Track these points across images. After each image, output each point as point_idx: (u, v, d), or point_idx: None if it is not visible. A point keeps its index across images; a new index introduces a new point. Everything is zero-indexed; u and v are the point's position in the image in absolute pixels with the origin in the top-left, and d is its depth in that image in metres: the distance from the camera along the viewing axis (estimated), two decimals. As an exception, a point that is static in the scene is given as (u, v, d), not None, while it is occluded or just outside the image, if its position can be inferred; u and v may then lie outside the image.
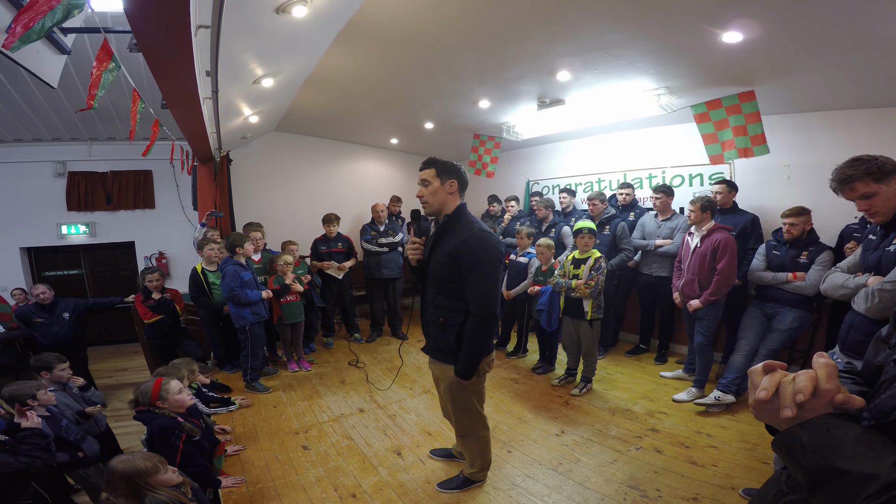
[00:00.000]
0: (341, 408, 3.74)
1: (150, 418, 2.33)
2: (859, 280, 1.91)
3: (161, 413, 2.36)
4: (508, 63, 3.78)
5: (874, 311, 1.77)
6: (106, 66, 1.96)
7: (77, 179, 6.24)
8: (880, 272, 1.84)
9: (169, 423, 2.33)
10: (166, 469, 1.88)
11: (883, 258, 1.85)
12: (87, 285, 6.69)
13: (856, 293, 1.89)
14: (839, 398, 0.66)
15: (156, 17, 1.81)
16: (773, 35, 2.87)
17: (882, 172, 1.75)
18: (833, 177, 1.85)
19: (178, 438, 2.29)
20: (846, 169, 1.80)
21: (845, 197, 1.87)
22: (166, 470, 1.87)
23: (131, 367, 5.79)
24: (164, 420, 2.33)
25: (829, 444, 0.62)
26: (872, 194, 1.75)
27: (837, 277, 2.07)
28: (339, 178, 7.06)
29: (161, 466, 1.85)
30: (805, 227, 3.22)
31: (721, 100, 3.78)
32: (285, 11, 2.45)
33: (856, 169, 1.77)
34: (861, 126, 3.63)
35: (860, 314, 1.88)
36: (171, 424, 2.33)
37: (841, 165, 1.83)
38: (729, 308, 3.54)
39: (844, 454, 0.60)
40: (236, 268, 3.98)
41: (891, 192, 1.75)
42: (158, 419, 2.33)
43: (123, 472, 1.75)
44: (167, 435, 2.27)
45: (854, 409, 0.67)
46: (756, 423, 2.98)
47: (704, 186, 4.55)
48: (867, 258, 1.97)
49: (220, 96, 3.13)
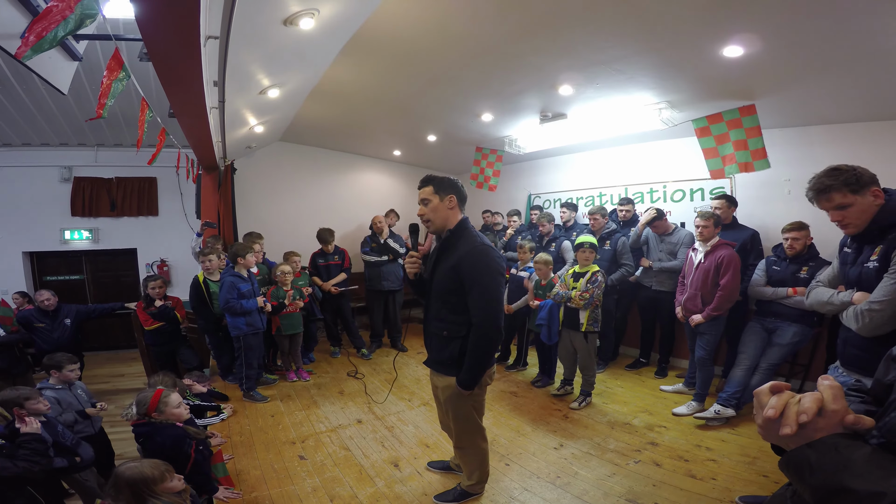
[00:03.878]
0: (339, 418, 3.72)
1: (153, 431, 2.31)
2: (844, 297, 1.89)
3: (166, 423, 2.35)
4: (511, 77, 3.83)
5: (866, 330, 1.75)
6: (116, 75, 2.00)
7: (82, 185, 6.31)
8: (862, 288, 1.83)
9: (177, 432, 2.34)
10: (173, 477, 1.89)
11: (863, 274, 1.84)
12: (89, 291, 6.71)
13: (842, 309, 1.88)
14: (849, 419, 0.66)
15: (166, 27, 1.86)
16: (773, 49, 2.90)
17: (859, 184, 1.73)
18: (810, 186, 1.83)
19: (190, 447, 2.30)
20: (824, 178, 1.77)
21: (820, 207, 1.85)
22: (172, 478, 1.89)
23: (129, 374, 5.79)
24: (172, 430, 2.33)
25: (838, 463, 0.62)
26: (848, 205, 1.74)
27: (822, 293, 2.05)
28: (342, 189, 7.09)
29: (168, 475, 1.87)
30: (806, 241, 3.23)
31: (722, 114, 3.80)
32: (293, 24, 2.50)
33: (834, 179, 1.75)
34: (862, 139, 3.63)
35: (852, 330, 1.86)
36: (180, 434, 2.33)
37: (819, 174, 1.80)
38: (730, 323, 3.53)
39: (853, 473, 0.60)
40: (234, 279, 4.01)
41: (865, 204, 1.73)
42: (165, 430, 2.31)
43: (130, 479, 1.76)
44: (180, 444, 2.28)
45: (864, 428, 0.67)
46: (756, 437, 2.97)
47: (705, 201, 4.55)
48: (847, 273, 1.95)
49: (227, 106, 3.18)
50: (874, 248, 1.81)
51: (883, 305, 1.69)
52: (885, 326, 1.70)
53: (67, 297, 5.18)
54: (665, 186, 4.92)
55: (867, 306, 1.74)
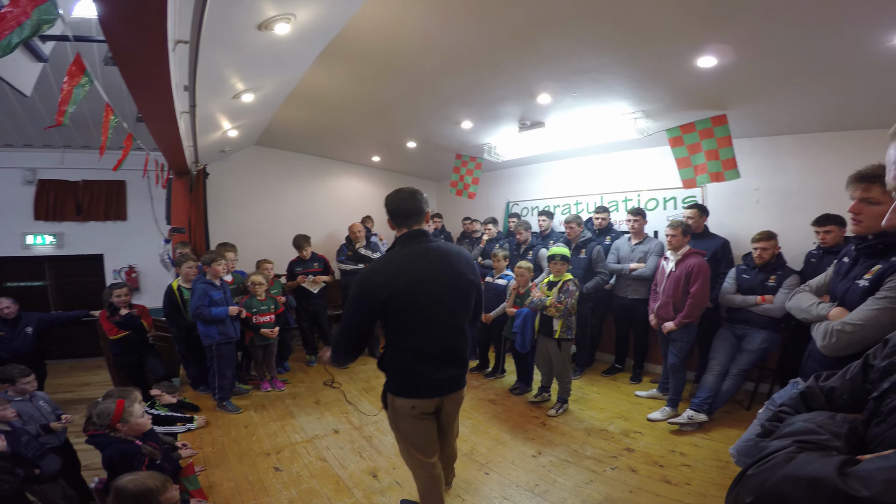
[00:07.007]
0: (315, 428, 3.65)
1: (106, 443, 2.26)
2: (822, 310, 1.83)
3: (118, 437, 2.29)
4: (491, 85, 3.84)
5: (829, 349, 1.70)
6: (78, 80, 1.91)
7: (47, 188, 6.06)
8: (844, 304, 1.77)
9: (129, 448, 2.27)
10: (172, 488, 1.90)
11: (849, 292, 1.76)
12: (51, 297, 6.42)
13: (816, 321, 1.82)
14: None
15: (132, 31, 1.79)
16: (746, 60, 2.95)
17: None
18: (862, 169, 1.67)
19: (141, 463, 2.22)
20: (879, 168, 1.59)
21: (851, 194, 1.69)
22: (172, 489, 1.89)
23: (95, 382, 5.56)
24: (124, 445, 2.27)
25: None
26: (877, 203, 1.60)
27: (803, 300, 2.00)
28: (318, 195, 6.97)
29: (168, 485, 1.87)
30: (774, 250, 3.34)
31: (695, 123, 3.86)
32: (268, 28, 2.45)
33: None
34: (830, 149, 3.74)
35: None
36: (131, 450, 2.26)
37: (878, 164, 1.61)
38: (701, 329, 3.61)
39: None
40: (206, 286, 3.92)
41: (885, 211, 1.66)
42: (116, 444, 2.26)
43: (135, 493, 1.76)
44: (129, 460, 2.21)
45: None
46: (728, 442, 3.03)
47: (678, 210, 4.66)
48: (836, 285, 1.88)
49: (199, 111, 3.10)
50: (870, 266, 1.72)
51: (855, 329, 1.63)
52: (847, 349, 1.65)
53: (29, 305, 4.92)
54: (639, 195, 5.02)
55: (839, 326, 1.68)
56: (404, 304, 1.85)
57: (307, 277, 5.10)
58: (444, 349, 1.97)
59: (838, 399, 0.93)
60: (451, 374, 2.02)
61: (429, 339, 1.93)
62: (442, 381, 2.00)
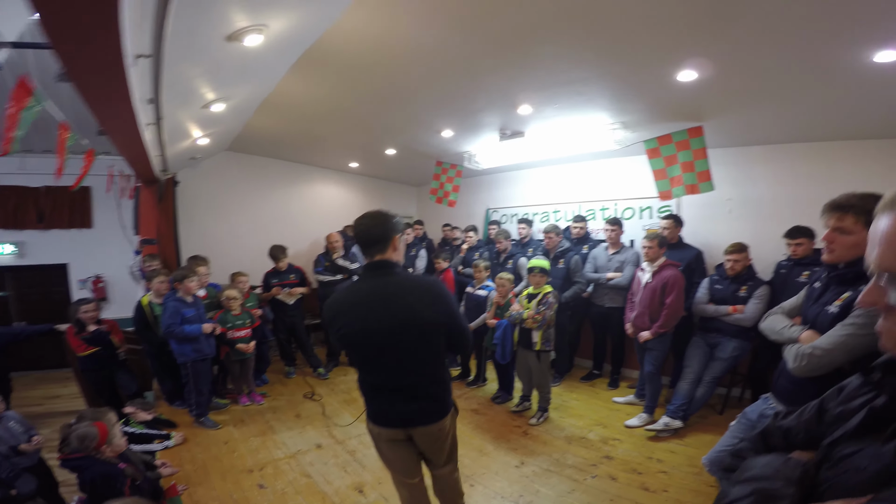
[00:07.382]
0: (297, 443, 3.59)
1: (86, 465, 2.21)
2: (793, 333, 1.86)
3: (101, 459, 2.25)
4: (473, 94, 3.81)
5: (799, 371, 1.73)
6: (26, 103, 1.78)
7: (6, 194, 5.76)
8: (815, 328, 1.79)
9: (111, 470, 2.23)
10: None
11: (820, 317, 1.77)
12: (12, 309, 6.12)
13: (787, 343, 1.85)
14: None
15: (82, 48, 1.66)
16: (724, 72, 2.96)
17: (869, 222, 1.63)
18: (836, 198, 1.65)
19: (123, 485, 2.21)
20: (853, 198, 1.60)
21: (825, 222, 1.68)
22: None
23: (65, 395, 5.36)
24: (106, 467, 2.23)
25: None
26: (850, 233, 1.59)
27: (776, 322, 2.02)
28: (294, 202, 6.71)
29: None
30: (745, 262, 3.43)
31: (671, 135, 3.90)
32: (237, 40, 2.36)
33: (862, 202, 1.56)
34: (799, 159, 3.84)
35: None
36: (114, 472, 2.23)
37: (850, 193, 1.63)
38: (676, 337, 3.69)
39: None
40: (177, 304, 3.77)
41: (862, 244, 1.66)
42: (98, 466, 2.21)
43: None
44: (112, 482, 2.18)
45: None
46: (702, 448, 3.11)
47: (654, 219, 4.74)
48: (807, 309, 1.91)
49: (166, 122, 2.98)
50: (840, 293, 1.72)
51: (824, 353, 1.65)
52: (817, 371, 1.68)
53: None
54: (616, 204, 5.08)
55: (809, 349, 1.71)
56: (354, 340, 1.85)
57: (283, 290, 4.99)
58: (398, 385, 1.87)
59: (794, 438, 0.99)
60: (412, 409, 1.89)
61: (382, 376, 1.87)
62: (403, 414, 1.90)
